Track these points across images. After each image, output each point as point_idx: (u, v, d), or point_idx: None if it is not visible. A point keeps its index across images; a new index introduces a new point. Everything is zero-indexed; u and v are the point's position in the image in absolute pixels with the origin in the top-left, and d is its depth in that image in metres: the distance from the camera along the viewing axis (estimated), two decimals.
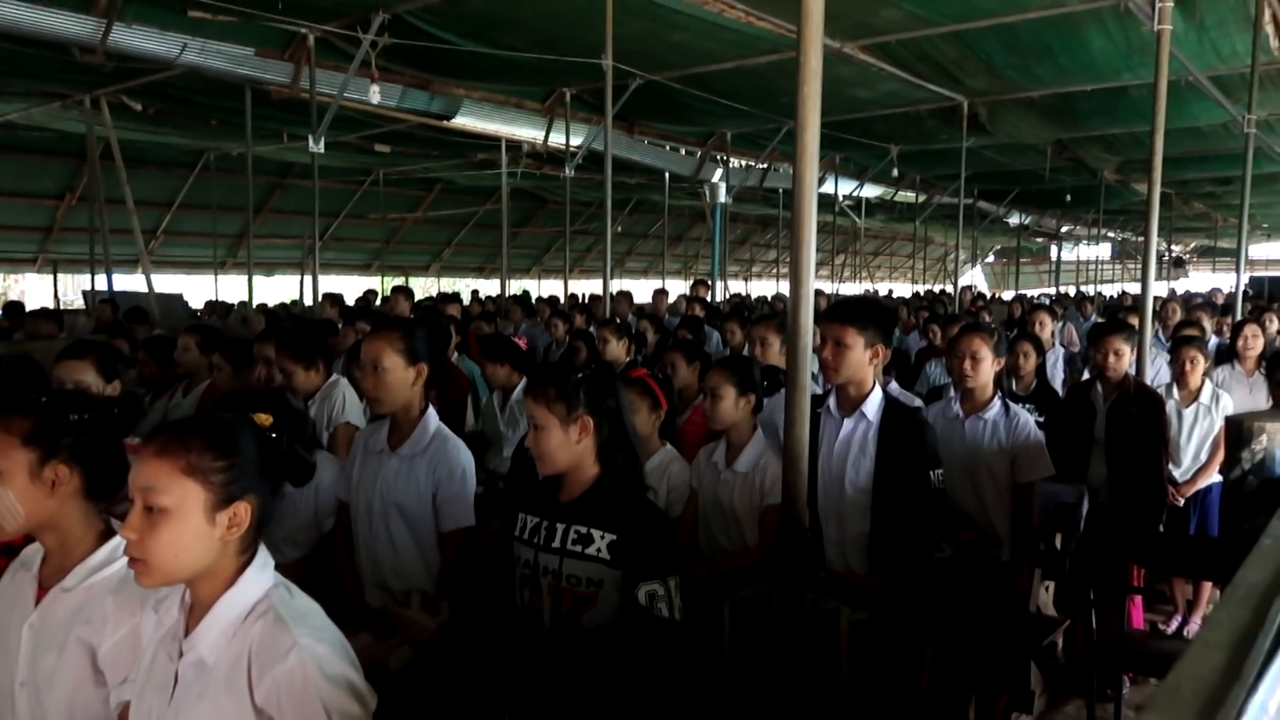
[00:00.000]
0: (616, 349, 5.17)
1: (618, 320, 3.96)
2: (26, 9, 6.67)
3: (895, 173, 14.22)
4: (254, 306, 11.25)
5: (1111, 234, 28.16)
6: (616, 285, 13.08)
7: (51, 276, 17.50)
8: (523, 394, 3.17)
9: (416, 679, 2.57)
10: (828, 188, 15.64)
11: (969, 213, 17.75)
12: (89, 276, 13.34)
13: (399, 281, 23.84)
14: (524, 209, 21.26)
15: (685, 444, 3.82)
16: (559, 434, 2.23)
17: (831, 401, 3.07)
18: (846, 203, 17.26)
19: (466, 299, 19.96)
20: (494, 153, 12.44)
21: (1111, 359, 4.40)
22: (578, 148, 10.85)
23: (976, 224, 21.19)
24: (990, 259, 38.99)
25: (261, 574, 1.57)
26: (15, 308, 10.45)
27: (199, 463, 1.48)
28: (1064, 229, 26.46)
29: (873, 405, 2.98)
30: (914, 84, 9.30)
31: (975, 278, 38.06)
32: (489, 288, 22.84)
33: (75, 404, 1.85)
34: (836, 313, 2.99)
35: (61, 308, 16.07)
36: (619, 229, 21.00)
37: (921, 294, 17.99)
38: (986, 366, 3.74)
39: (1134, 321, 5.59)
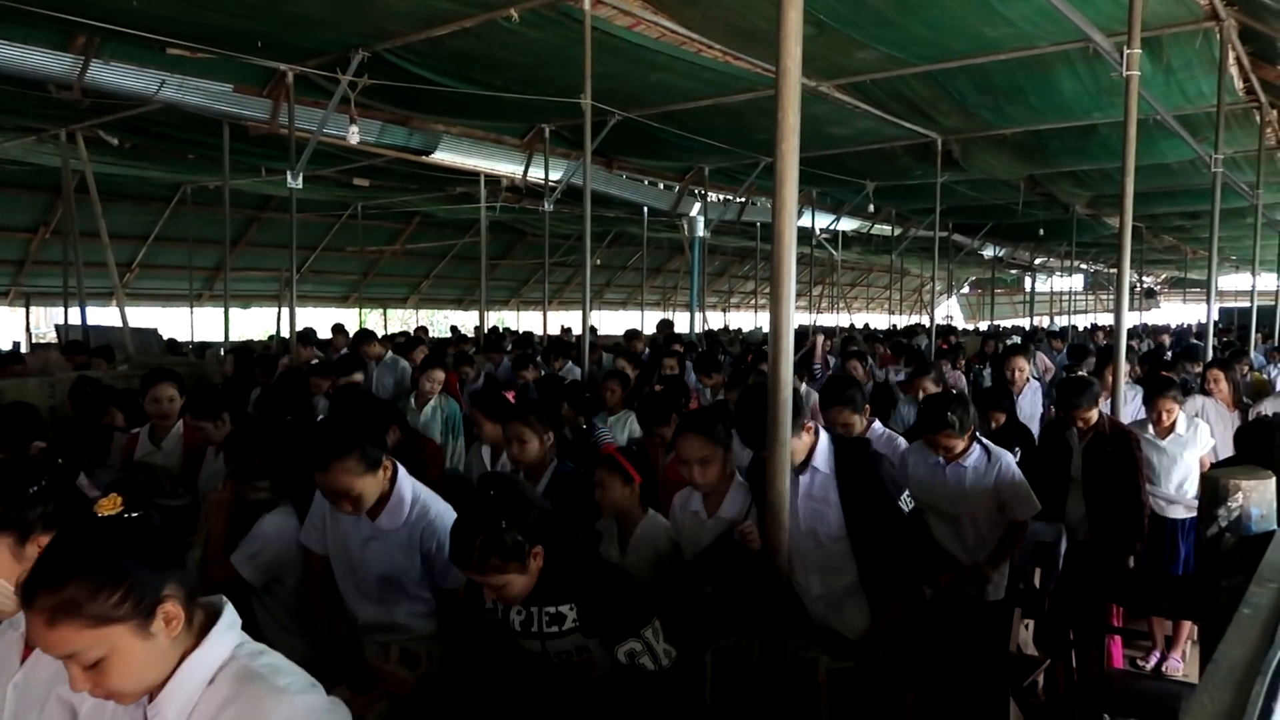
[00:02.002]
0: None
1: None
2: (3, 46, 6.63)
3: (871, 207, 14.36)
4: (225, 344, 11.17)
5: (1084, 266, 28.54)
6: (595, 317, 13.07)
7: (24, 310, 17.29)
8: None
9: None
10: (805, 221, 15.77)
11: (944, 245, 17.96)
12: (62, 310, 13.20)
13: (377, 314, 23.87)
14: (503, 241, 21.28)
15: (670, 488, 3.76)
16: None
17: None
18: (824, 235, 17.41)
19: (445, 331, 19.95)
20: (473, 186, 12.45)
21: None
22: (557, 182, 10.89)
23: (952, 256, 21.44)
24: (965, 290, 39.41)
25: (227, 634, 1.52)
26: None
27: (98, 610, 1.38)
28: (1038, 261, 26.80)
29: (821, 455, 2.98)
30: (889, 121, 9.43)
31: (951, 308, 38.47)
32: (468, 319, 22.79)
33: (27, 475, 1.82)
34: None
35: (34, 341, 15.90)
36: (598, 261, 21.04)
37: (898, 328, 18.13)
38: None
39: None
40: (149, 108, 8.09)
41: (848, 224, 17.43)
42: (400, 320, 24.28)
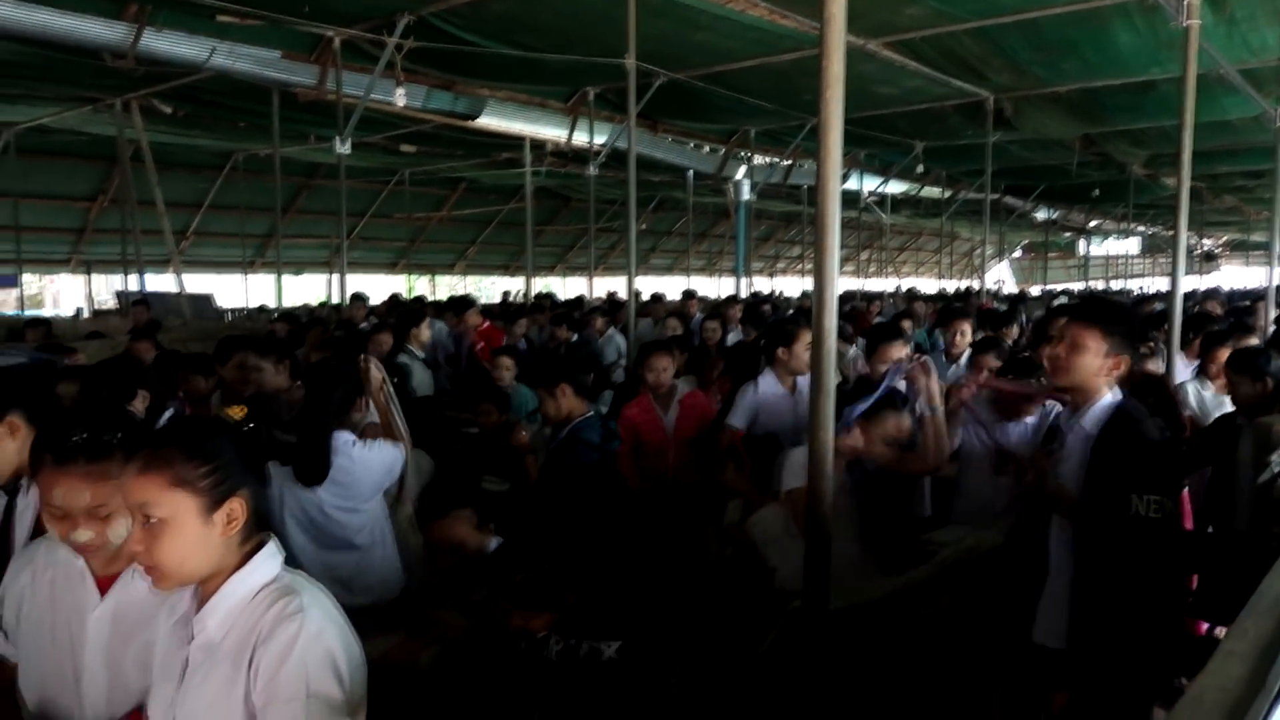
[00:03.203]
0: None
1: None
2: (58, 15, 6.77)
3: (920, 168, 14.12)
4: (279, 308, 11.40)
5: (1141, 228, 27.81)
6: (641, 282, 13.07)
7: (85, 277, 17.78)
8: None
9: (445, 677, 2.60)
10: (852, 184, 15.56)
11: (995, 208, 17.60)
12: (121, 277, 13.56)
13: (424, 280, 24.13)
14: (549, 207, 21.32)
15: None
16: None
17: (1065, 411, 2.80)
18: (871, 199, 17.17)
19: (495, 296, 20.10)
20: (518, 152, 12.49)
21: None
22: (601, 147, 10.87)
23: (1003, 219, 21.02)
24: (1018, 254, 38.64)
25: (271, 560, 1.61)
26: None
27: (183, 473, 1.52)
28: (1092, 224, 26.18)
29: (1093, 416, 2.64)
30: (938, 80, 9.24)
31: (1002, 273, 37.78)
32: (514, 285, 22.94)
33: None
34: (1079, 312, 2.75)
35: (95, 308, 16.35)
36: (643, 226, 20.95)
37: (949, 293, 17.88)
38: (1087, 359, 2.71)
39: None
40: (200, 76, 8.22)
41: (896, 187, 17.17)
42: (449, 286, 24.50)
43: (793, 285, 28.29)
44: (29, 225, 13.95)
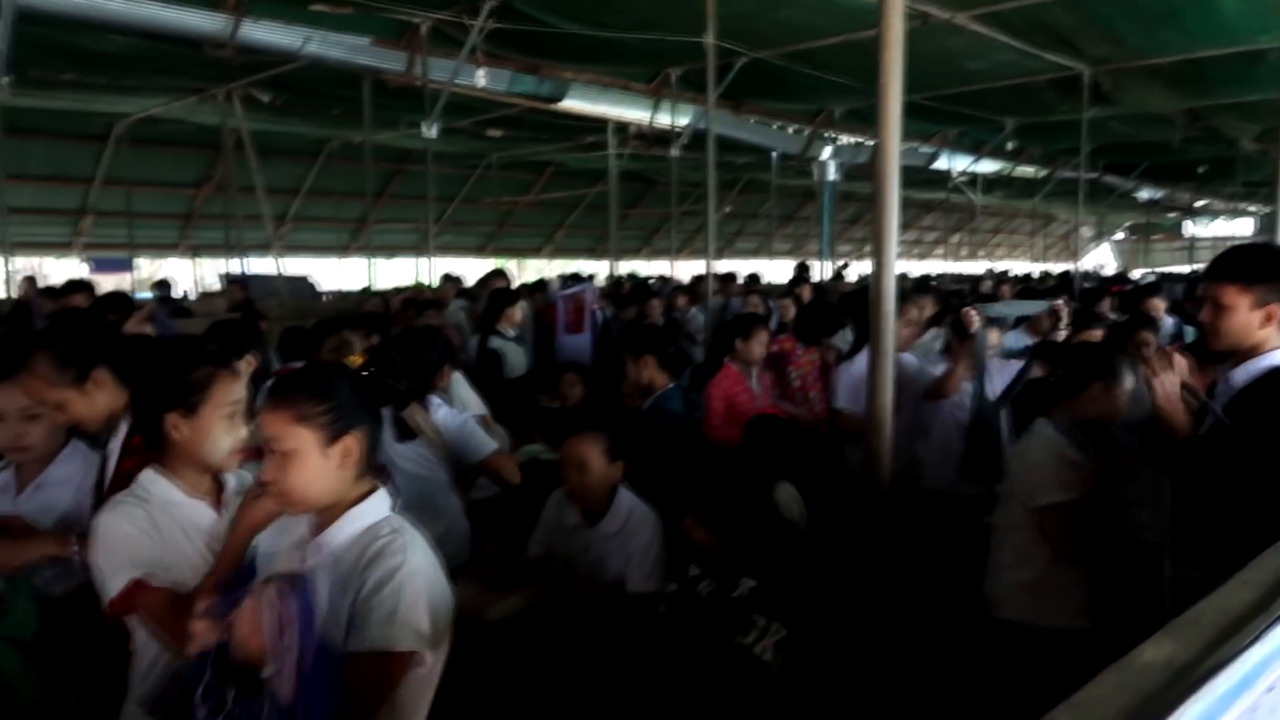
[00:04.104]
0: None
1: None
2: (164, 8, 7.15)
3: (1010, 145, 13.71)
4: (372, 290, 11.77)
5: (1253, 208, 26.43)
6: (725, 266, 13.04)
7: (192, 261, 18.62)
8: None
9: (516, 632, 2.72)
10: (942, 164, 15.22)
11: (1093, 188, 16.98)
12: (226, 261, 14.19)
13: (511, 264, 24.51)
14: (633, 190, 21.40)
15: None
16: None
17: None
18: (961, 179, 16.75)
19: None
20: (602, 135, 12.59)
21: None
22: (684, 128, 10.87)
23: (1102, 199, 20.25)
24: (1119, 236, 37.14)
25: (383, 502, 1.83)
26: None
27: (306, 411, 1.75)
28: (1199, 203, 25.00)
29: (1246, 370, 2.44)
30: (1030, 54, 8.96)
31: (1104, 256, 36.40)
32: (599, 268, 23.13)
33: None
34: (1215, 269, 2.50)
35: (202, 290, 17.12)
36: (728, 209, 20.83)
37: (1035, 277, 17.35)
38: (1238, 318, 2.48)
39: None
40: (295, 64, 8.53)
41: (987, 166, 16.70)
42: (535, 270, 24.83)
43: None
44: (141, 211, 14.72)
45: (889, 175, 2.23)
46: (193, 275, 18.96)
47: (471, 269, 20.49)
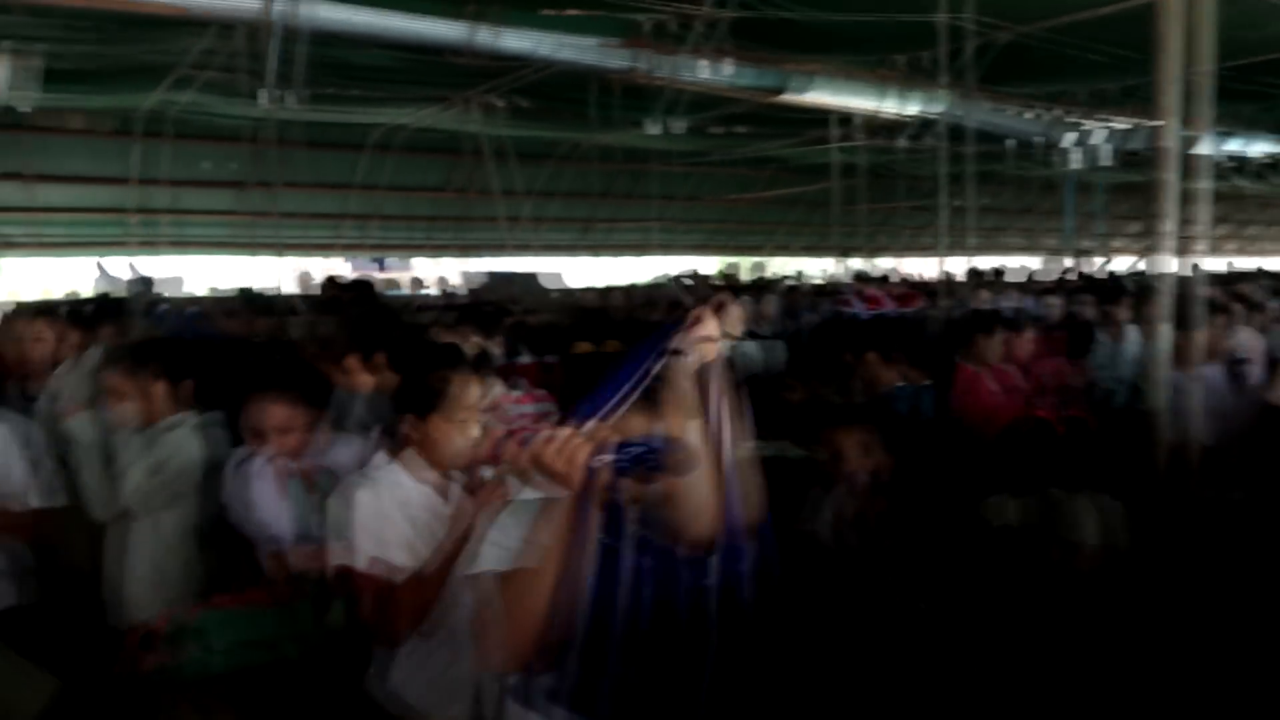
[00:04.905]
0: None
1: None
2: (413, 19, 7.60)
3: None
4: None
5: None
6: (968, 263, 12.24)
7: (436, 261, 19.95)
8: None
9: None
10: (1233, 146, 13.46)
11: None
12: (468, 260, 15.04)
13: (734, 260, 24.35)
14: (864, 185, 20.59)
15: None
16: None
17: None
18: (1230, 164, 14.81)
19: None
20: (826, 129, 12.18)
21: None
22: (914, 117, 10.29)
23: None
24: None
25: None
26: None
27: None
28: None
29: None
30: None
31: None
32: (823, 265, 22.55)
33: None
34: None
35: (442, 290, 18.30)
36: (956, 203, 19.57)
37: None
38: None
39: None
40: (528, 70, 8.81)
41: (1262, 148, 14.66)
42: (759, 268, 24.53)
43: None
44: (391, 214, 15.85)
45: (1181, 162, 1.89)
46: (437, 274, 20.24)
47: (695, 266, 20.58)
